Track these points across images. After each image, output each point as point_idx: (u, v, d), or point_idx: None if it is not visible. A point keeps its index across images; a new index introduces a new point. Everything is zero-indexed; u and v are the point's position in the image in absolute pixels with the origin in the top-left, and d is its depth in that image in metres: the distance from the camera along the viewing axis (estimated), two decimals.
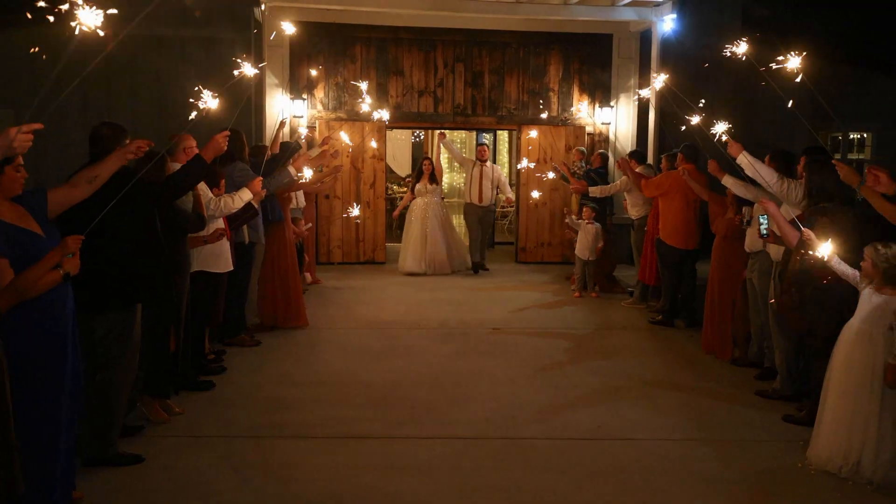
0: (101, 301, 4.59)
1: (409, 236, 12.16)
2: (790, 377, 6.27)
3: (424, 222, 12.00)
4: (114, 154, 4.27)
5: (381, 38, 12.77)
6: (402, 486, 4.66)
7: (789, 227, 5.39)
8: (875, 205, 4.35)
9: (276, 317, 8.18)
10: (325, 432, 5.46)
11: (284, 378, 6.69)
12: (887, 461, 4.67)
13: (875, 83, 14.19)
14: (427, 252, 11.93)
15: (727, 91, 11.60)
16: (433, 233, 11.99)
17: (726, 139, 5.92)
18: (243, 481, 4.67)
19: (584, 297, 10.35)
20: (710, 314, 7.53)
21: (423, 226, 11.99)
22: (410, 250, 12.03)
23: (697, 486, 4.71)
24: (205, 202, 5.98)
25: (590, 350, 7.80)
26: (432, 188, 12.15)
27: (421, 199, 12.16)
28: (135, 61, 11.24)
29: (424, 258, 11.90)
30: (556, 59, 13.16)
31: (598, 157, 11.62)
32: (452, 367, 7.11)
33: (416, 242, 12.01)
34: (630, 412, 6.00)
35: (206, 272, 6.41)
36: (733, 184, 6.76)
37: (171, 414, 5.63)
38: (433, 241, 11.98)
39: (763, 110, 11.96)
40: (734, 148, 6.05)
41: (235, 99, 5.85)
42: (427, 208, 12.08)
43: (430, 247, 11.96)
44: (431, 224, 11.99)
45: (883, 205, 4.29)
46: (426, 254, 11.92)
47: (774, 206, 5.54)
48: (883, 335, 4.71)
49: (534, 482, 4.74)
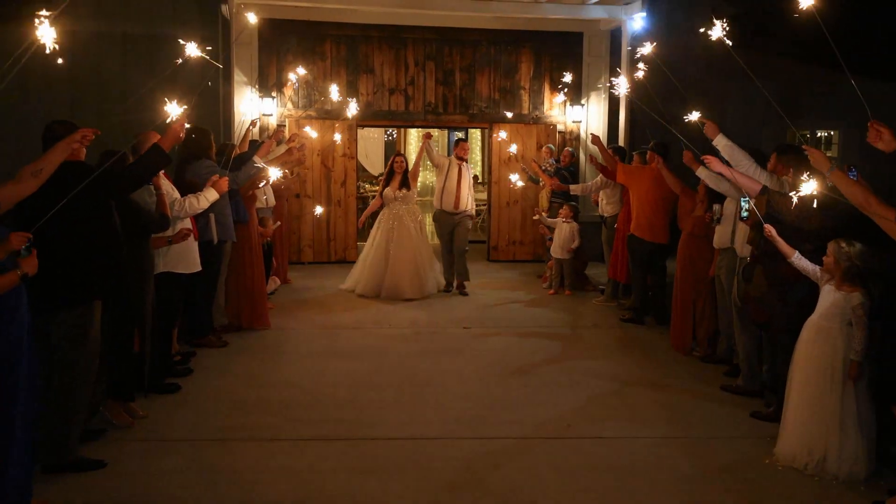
0: (55, 298, 4.49)
1: (370, 254, 10.21)
2: (752, 373, 6.32)
3: (389, 241, 9.96)
4: (58, 145, 4.18)
5: (351, 36, 12.69)
6: (371, 487, 4.61)
7: (746, 179, 5.58)
8: (843, 190, 4.38)
9: (240, 318, 8.09)
10: (292, 434, 5.40)
11: (252, 379, 6.60)
12: (851, 456, 4.71)
13: (842, 82, 14.31)
14: (387, 279, 9.89)
15: (697, 89, 11.65)
16: (399, 255, 9.92)
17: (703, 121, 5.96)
18: (208, 485, 4.60)
19: (558, 294, 10.35)
20: (677, 311, 7.55)
21: (387, 245, 9.97)
22: (368, 272, 10.10)
23: (667, 484, 4.71)
24: (169, 202, 5.89)
25: (561, 348, 7.78)
26: (403, 195, 10.09)
27: (389, 210, 10.14)
28: (101, 60, 11.08)
29: (383, 285, 9.90)
30: (527, 58, 13.15)
31: (567, 155, 11.60)
32: (422, 366, 7.06)
33: (375, 264, 10.04)
34: (600, 410, 5.99)
35: (172, 273, 6.31)
36: (707, 175, 6.77)
37: (136, 417, 5.53)
38: (397, 265, 9.90)
39: (733, 108, 12.04)
40: (711, 129, 6.06)
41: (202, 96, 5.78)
42: (395, 222, 10.03)
43: (391, 274, 9.89)
44: (398, 244, 9.92)
45: (850, 189, 4.31)
46: (385, 280, 9.90)
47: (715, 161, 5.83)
48: (842, 331, 4.75)
49: (503, 482, 4.71)
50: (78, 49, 10.75)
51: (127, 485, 4.59)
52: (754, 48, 12.99)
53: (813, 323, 4.91)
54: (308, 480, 4.69)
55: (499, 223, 13.22)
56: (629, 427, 5.63)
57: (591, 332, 8.46)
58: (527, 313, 9.34)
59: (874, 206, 4.19)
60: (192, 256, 6.53)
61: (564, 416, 5.84)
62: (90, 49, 10.85)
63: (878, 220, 4.19)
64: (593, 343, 8.02)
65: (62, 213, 3.91)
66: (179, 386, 6.27)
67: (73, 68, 10.76)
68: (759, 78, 5.47)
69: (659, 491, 4.63)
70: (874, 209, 4.19)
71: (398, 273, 9.86)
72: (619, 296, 9.79)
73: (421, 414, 5.86)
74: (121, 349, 5.39)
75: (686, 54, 6.84)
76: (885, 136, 3.97)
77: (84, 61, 10.73)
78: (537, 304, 9.91)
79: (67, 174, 4.22)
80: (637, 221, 8.59)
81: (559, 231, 10.28)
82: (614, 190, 9.60)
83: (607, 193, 9.87)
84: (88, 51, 10.85)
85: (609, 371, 7.00)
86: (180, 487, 4.57)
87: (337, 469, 4.85)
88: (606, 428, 5.61)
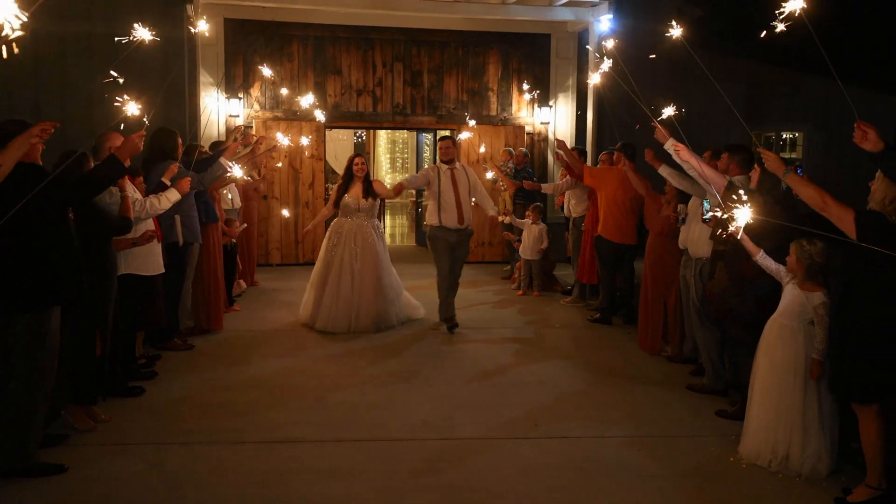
0: (12, 302, 4.40)
1: (325, 275, 8.27)
2: (716, 372, 6.38)
3: (352, 259, 8.19)
4: (15, 140, 4.10)
5: (319, 37, 12.63)
6: (337, 489, 4.58)
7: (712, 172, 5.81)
8: (799, 192, 4.45)
9: (199, 318, 8.01)
10: (257, 437, 5.34)
11: (217, 382, 6.53)
12: (814, 453, 4.77)
13: (806, 85, 14.54)
14: (354, 305, 8.15)
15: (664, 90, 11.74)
16: (364, 276, 8.19)
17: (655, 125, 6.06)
18: (171, 489, 4.54)
19: (527, 295, 10.37)
20: (644, 311, 7.60)
21: (351, 265, 8.18)
22: (327, 298, 8.18)
23: (632, 483, 4.73)
24: (130, 204, 5.81)
25: (529, 349, 7.79)
26: (367, 205, 8.36)
27: (349, 221, 8.36)
28: (64, 59, 10.93)
29: (351, 314, 8.14)
30: (494, 59, 13.17)
31: (520, 156, 11.52)
32: (389, 367, 7.03)
33: (336, 287, 8.17)
34: (567, 410, 6.00)
35: (135, 275, 6.23)
36: (669, 173, 6.86)
37: (98, 421, 5.44)
38: (363, 287, 8.18)
39: (698, 109, 12.13)
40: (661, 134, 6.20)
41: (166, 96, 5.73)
42: (357, 237, 8.27)
43: (358, 297, 8.15)
44: (363, 264, 8.19)
45: (806, 191, 4.37)
46: (353, 307, 8.15)
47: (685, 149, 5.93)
48: (804, 330, 4.80)
49: (470, 482, 4.70)
50: (41, 50, 10.62)
51: (88, 489, 4.50)
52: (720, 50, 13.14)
53: (775, 321, 4.96)
54: (274, 483, 4.64)
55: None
56: (596, 426, 5.64)
57: (559, 333, 8.48)
58: (495, 314, 9.35)
59: (832, 208, 4.25)
60: (156, 258, 6.45)
61: (531, 415, 5.84)
62: (53, 50, 10.72)
63: (835, 220, 4.25)
64: (561, 343, 8.04)
65: (17, 217, 3.83)
66: (143, 389, 6.18)
67: (37, 69, 10.65)
68: (726, 79, 5.55)
69: (625, 489, 4.64)
70: (832, 210, 4.25)
71: (367, 299, 8.19)
72: (587, 296, 9.83)
73: (388, 416, 5.83)
74: (82, 352, 5.30)
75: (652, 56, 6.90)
76: (871, 136, 4.03)
77: (47, 62, 10.62)
78: (505, 304, 9.92)
79: (24, 176, 4.14)
80: (605, 222, 8.63)
81: (528, 232, 10.30)
82: (583, 190, 9.63)
83: (576, 194, 9.89)
84: (51, 51, 10.71)
85: (576, 371, 7.02)
86: (143, 491, 4.50)
87: (302, 471, 4.81)
88: (573, 427, 5.62)
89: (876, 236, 4.03)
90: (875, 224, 4.16)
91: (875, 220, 4.19)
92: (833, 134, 14.35)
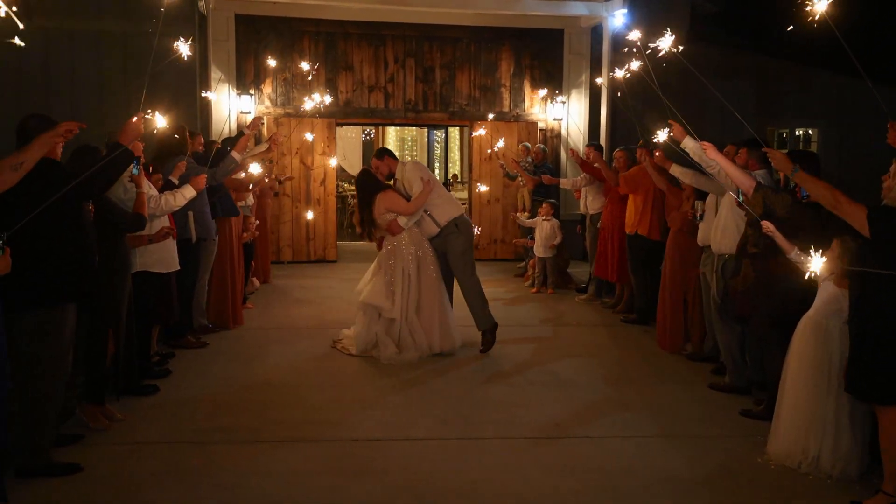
0: (25, 299, 4.32)
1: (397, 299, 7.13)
2: (738, 370, 6.26)
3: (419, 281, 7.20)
4: (39, 139, 4.02)
5: (330, 33, 12.56)
6: (356, 490, 4.48)
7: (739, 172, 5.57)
8: (808, 190, 4.35)
9: (217, 316, 7.94)
10: (273, 436, 5.26)
11: (231, 381, 6.45)
12: (845, 455, 4.64)
13: (819, 80, 14.38)
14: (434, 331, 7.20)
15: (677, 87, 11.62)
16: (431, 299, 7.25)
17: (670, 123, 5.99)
18: (187, 490, 4.45)
19: (541, 293, 10.28)
20: (664, 309, 7.48)
21: (419, 286, 7.20)
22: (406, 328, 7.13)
23: (657, 485, 4.62)
24: (146, 200, 5.74)
25: (545, 347, 7.69)
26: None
27: (409, 236, 7.27)
28: (76, 56, 10.87)
29: (432, 339, 7.19)
30: (507, 55, 13.08)
31: (538, 152, 11.45)
32: (405, 367, 6.93)
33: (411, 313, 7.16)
34: (587, 410, 5.90)
35: (149, 272, 6.16)
36: (681, 172, 6.76)
37: (112, 420, 5.36)
38: (429, 311, 7.21)
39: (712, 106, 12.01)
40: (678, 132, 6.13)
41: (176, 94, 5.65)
42: (421, 253, 7.27)
43: (427, 322, 7.20)
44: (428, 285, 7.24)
45: (816, 189, 4.26)
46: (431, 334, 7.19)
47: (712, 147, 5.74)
48: (839, 328, 4.68)
49: (492, 483, 4.60)
50: (52, 46, 10.56)
51: (103, 489, 4.43)
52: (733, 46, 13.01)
53: (809, 319, 4.82)
54: (290, 483, 4.56)
55: (479, 222, 13.10)
56: (617, 426, 5.54)
57: (575, 331, 8.38)
58: (509, 312, 9.23)
59: (844, 206, 4.11)
60: (170, 255, 6.38)
61: (551, 415, 5.74)
62: (63, 46, 10.66)
63: (848, 218, 4.12)
64: (578, 342, 7.94)
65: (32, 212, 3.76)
66: (158, 388, 6.10)
67: (48, 65, 10.60)
68: (741, 76, 5.46)
69: (650, 492, 4.54)
70: (844, 208, 4.11)
71: (433, 322, 7.22)
72: (603, 294, 9.72)
73: (406, 414, 5.74)
74: (95, 350, 5.23)
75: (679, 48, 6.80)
76: None
77: (58, 58, 10.59)
78: (520, 302, 9.84)
79: (42, 172, 4.06)
80: (641, 221, 8.30)
81: (540, 229, 10.20)
82: (600, 187, 9.50)
83: (592, 190, 9.77)
84: (62, 47, 10.66)
85: (595, 370, 6.92)
86: (158, 491, 4.42)
87: (320, 471, 4.72)
88: (594, 428, 5.52)
89: (890, 232, 3.92)
90: (889, 220, 4.03)
91: (889, 216, 4.05)
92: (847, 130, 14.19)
